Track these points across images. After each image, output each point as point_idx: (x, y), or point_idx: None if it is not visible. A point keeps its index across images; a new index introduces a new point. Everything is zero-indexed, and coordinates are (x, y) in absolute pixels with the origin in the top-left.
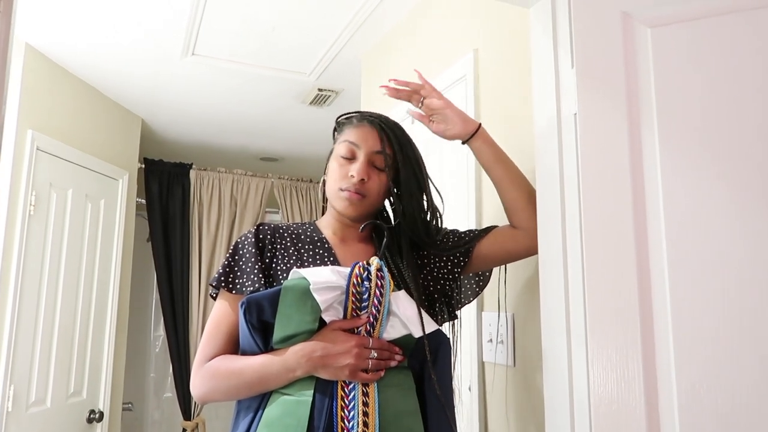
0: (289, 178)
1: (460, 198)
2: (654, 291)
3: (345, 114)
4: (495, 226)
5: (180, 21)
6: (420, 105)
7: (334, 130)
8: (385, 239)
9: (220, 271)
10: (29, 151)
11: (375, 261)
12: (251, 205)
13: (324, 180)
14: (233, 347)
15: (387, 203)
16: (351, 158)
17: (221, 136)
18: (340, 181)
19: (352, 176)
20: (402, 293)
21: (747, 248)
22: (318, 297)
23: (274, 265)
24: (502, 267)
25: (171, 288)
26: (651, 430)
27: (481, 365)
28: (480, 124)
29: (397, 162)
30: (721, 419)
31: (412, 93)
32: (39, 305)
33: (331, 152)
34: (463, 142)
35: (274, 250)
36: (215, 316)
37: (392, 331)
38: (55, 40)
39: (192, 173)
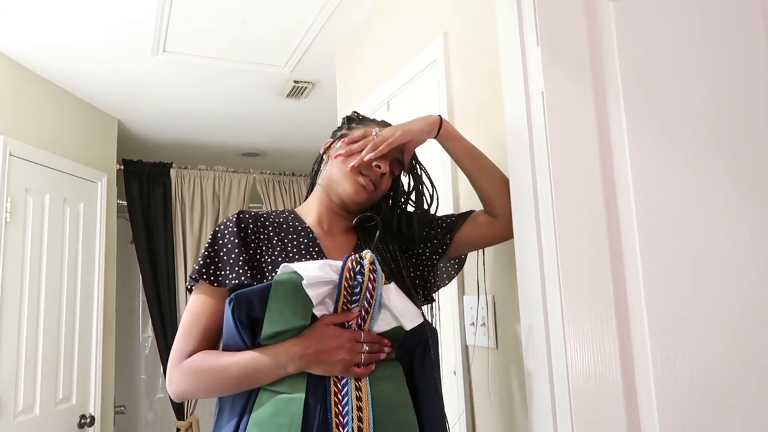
0: (271, 172)
1: (436, 179)
2: (626, 265)
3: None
4: (472, 211)
5: (148, 18)
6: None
7: (350, 119)
8: (378, 232)
9: (201, 262)
10: (1, 157)
11: (368, 255)
12: (234, 202)
13: (324, 157)
14: (212, 342)
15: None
16: None
17: (200, 134)
18: (361, 165)
19: (378, 167)
20: (393, 286)
21: (714, 218)
22: (310, 292)
23: (258, 257)
24: (481, 250)
25: (157, 289)
26: (628, 402)
27: (465, 349)
28: (440, 124)
29: (413, 174)
30: (696, 389)
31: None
32: (21, 313)
33: (342, 135)
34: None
35: (258, 241)
36: (194, 309)
37: (382, 323)
38: (22, 43)
39: (172, 172)
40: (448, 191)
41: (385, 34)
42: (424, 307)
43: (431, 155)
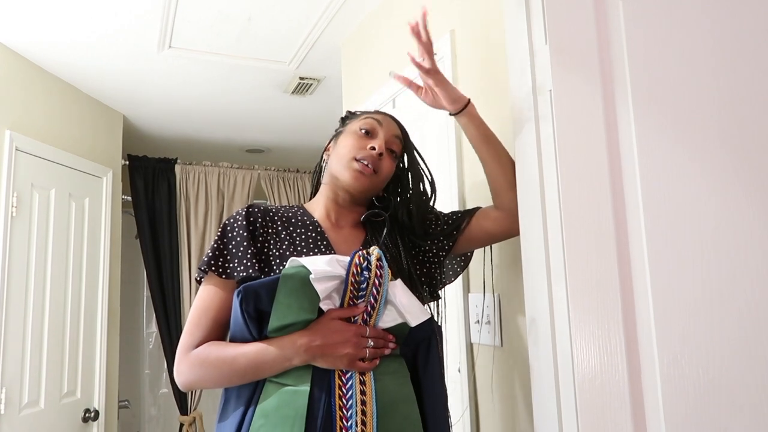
0: (275, 168)
1: (442, 175)
2: (633, 263)
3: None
4: (479, 208)
5: (154, 13)
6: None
7: (345, 118)
8: (386, 228)
9: (210, 254)
10: (8, 151)
11: (375, 251)
12: (239, 198)
13: (324, 157)
14: (220, 333)
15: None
16: (371, 133)
17: (205, 130)
18: (356, 151)
19: (373, 148)
20: (399, 282)
21: (722, 217)
22: (317, 286)
23: (266, 250)
24: (487, 248)
25: (161, 284)
26: (634, 401)
27: (470, 346)
28: (469, 101)
29: (404, 159)
30: (703, 389)
31: (425, 51)
32: (27, 307)
33: (337, 133)
34: (451, 114)
35: (266, 234)
36: (202, 301)
37: (387, 319)
38: (29, 38)
39: (177, 168)
40: (454, 183)
41: (392, 30)
42: (431, 304)
43: (437, 147)
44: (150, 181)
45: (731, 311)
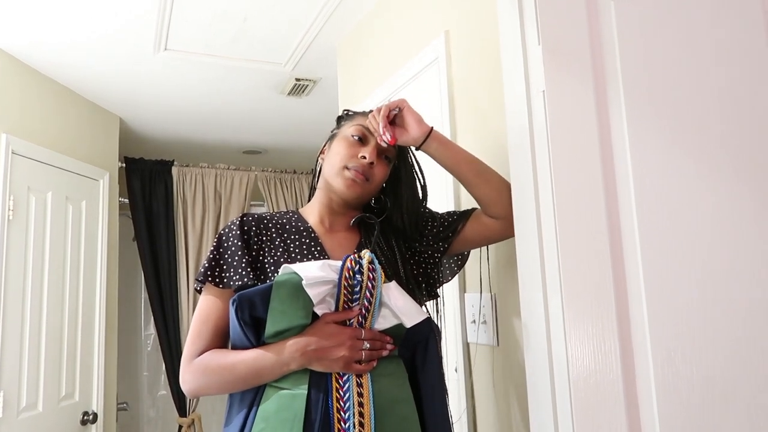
0: (272, 170)
1: (438, 175)
2: (627, 263)
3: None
4: (475, 209)
5: (149, 16)
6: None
7: (340, 117)
8: (376, 232)
9: (206, 265)
10: (4, 155)
11: (367, 254)
12: (236, 199)
13: (319, 161)
14: (222, 341)
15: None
16: (362, 141)
17: (202, 131)
18: (347, 159)
19: (363, 157)
20: (393, 284)
21: (716, 216)
22: (310, 292)
23: (260, 258)
24: (484, 248)
25: (159, 286)
26: (629, 400)
27: (466, 346)
28: (432, 128)
29: (399, 163)
30: (697, 388)
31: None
32: (24, 310)
33: (332, 135)
34: (418, 147)
35: (260, 242)
36: (202, 310)
37: (383, 321)
38: (25, 41)
39: (174, 170)
40: (450, 184)
41: (387, 31)
42: (430, 303)
43: None
44: (147, 184)
45: (726, 311)
